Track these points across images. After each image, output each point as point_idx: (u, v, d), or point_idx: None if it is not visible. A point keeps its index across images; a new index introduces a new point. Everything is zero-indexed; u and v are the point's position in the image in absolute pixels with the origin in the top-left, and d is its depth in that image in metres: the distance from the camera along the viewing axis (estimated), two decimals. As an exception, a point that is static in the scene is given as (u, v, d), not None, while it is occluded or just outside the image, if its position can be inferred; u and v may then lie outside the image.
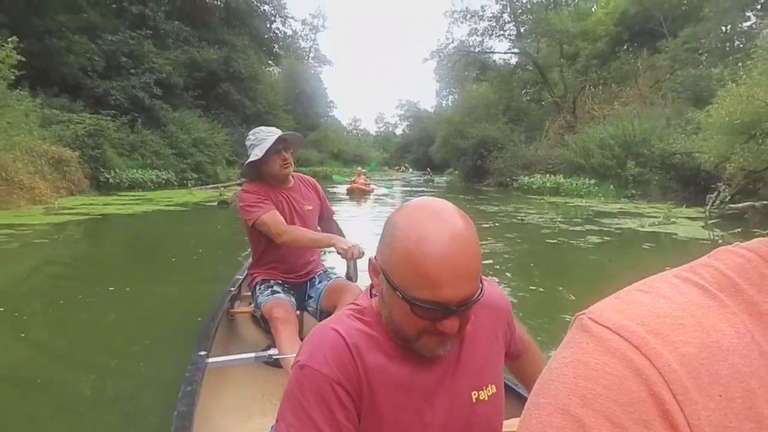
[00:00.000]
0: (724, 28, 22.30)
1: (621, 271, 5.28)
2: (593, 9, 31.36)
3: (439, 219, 0.68)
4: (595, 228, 8.58)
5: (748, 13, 21.01)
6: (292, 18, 35.77)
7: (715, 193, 10.43)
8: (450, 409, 0.76)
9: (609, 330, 0.28)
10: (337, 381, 0.71)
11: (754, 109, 8.74)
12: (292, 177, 2.21)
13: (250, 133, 2.11)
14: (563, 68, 29.09)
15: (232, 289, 2.58)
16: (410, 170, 59.33)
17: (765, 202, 8.85)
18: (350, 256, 1.90)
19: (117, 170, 15.33)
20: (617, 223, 9.13)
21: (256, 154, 2.01)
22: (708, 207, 10.48)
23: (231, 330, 2.43)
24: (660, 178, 14.81)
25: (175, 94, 21.73)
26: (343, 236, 2.16)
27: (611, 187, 15.76)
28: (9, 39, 8.85)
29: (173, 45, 23.51)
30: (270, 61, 34.06)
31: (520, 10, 32.92)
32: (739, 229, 7.80)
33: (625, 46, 27.51)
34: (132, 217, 9.77)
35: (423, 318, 0.69)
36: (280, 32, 34.11)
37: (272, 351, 1.88)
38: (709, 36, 21.49)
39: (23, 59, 9.21)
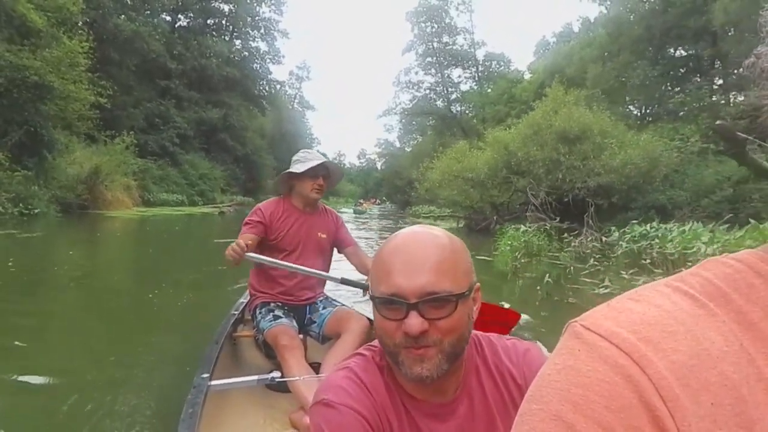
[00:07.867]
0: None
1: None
2: (524, 75, 41.42)
3: (411, 229, 0.71)
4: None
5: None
6: (276, 81, 46.48)
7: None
8: None
9: (601, 337, 0.29)
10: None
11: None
12: (322, 207, 2.33)
13: (300, 152, 2.26)
14: (485, 128, 39.39)
15: (236, 312, 2.56)
16: (386, 203, 65.69)
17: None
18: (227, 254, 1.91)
19: (154, 193, 24.75)
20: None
21: (297, 168, 2.13)
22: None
23: (234, 354, 2.44)
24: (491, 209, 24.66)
25: (188, 142, 31.52)
26: (366, 265, 2.23)
27: (459, 213, 25.54)
28: (130, 132, 18.58)
29: (187, 107, 33.44)
30: (257, 112, 44.21)
31: (450, 84, 43.92)
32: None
33: (539, 110, 37.50)
34: (173, 216, 19.41)
35: (387, 318, 0.67)
36: (266, 91, 44.39)
37: (275, 374, 1.92)
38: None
39: (136, 142, 18.95)
